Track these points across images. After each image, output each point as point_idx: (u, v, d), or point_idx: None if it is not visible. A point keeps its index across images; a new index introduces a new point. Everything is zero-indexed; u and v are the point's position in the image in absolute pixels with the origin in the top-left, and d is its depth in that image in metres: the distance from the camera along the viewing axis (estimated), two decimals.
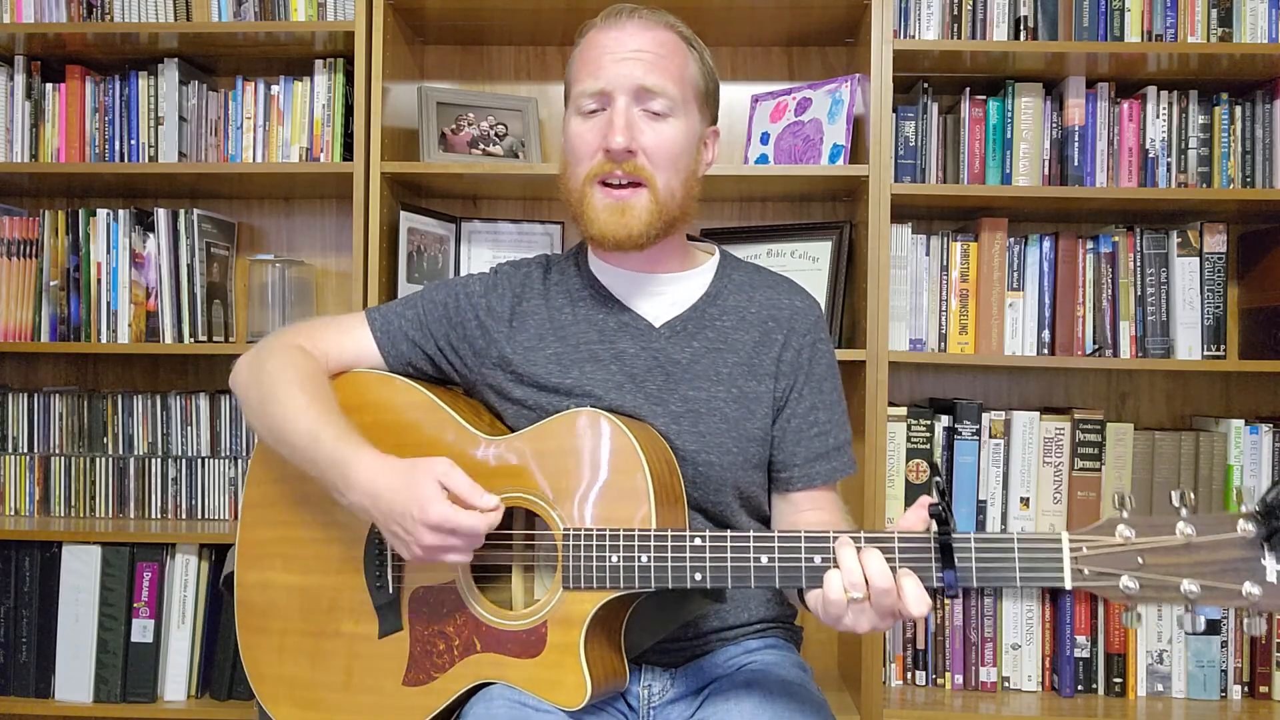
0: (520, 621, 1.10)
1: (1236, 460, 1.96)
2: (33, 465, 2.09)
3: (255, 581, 1.27)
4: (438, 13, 2.00)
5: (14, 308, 2.04)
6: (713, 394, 1.21)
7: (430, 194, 2.15)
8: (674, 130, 1.19)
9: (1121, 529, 0.91)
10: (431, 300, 1.31)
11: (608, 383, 1.20)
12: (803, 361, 1.25)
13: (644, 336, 1.24)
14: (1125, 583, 0.90)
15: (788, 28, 2.04)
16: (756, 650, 1.24)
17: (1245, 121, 1.97)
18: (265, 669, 1.24)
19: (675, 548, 1.03)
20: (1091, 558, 0.92)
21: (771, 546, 1.01)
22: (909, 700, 1.91)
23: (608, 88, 1.18)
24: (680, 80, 1.20)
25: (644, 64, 1.18)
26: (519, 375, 1.23)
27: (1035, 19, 1.92)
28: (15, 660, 1.99)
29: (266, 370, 1.22)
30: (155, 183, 2.08)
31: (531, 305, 1.28)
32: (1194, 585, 0.88)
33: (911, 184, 1.92)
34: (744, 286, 1.28)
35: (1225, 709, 1.90)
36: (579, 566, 1.07)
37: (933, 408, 2.01)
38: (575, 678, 1.06)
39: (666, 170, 1.19)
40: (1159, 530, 0.90)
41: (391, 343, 1.29)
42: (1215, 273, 1.96)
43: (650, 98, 1.18)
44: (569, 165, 1.23)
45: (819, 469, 1.24)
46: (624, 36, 1.19)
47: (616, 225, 1.18)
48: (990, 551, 0.94)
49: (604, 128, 1.18)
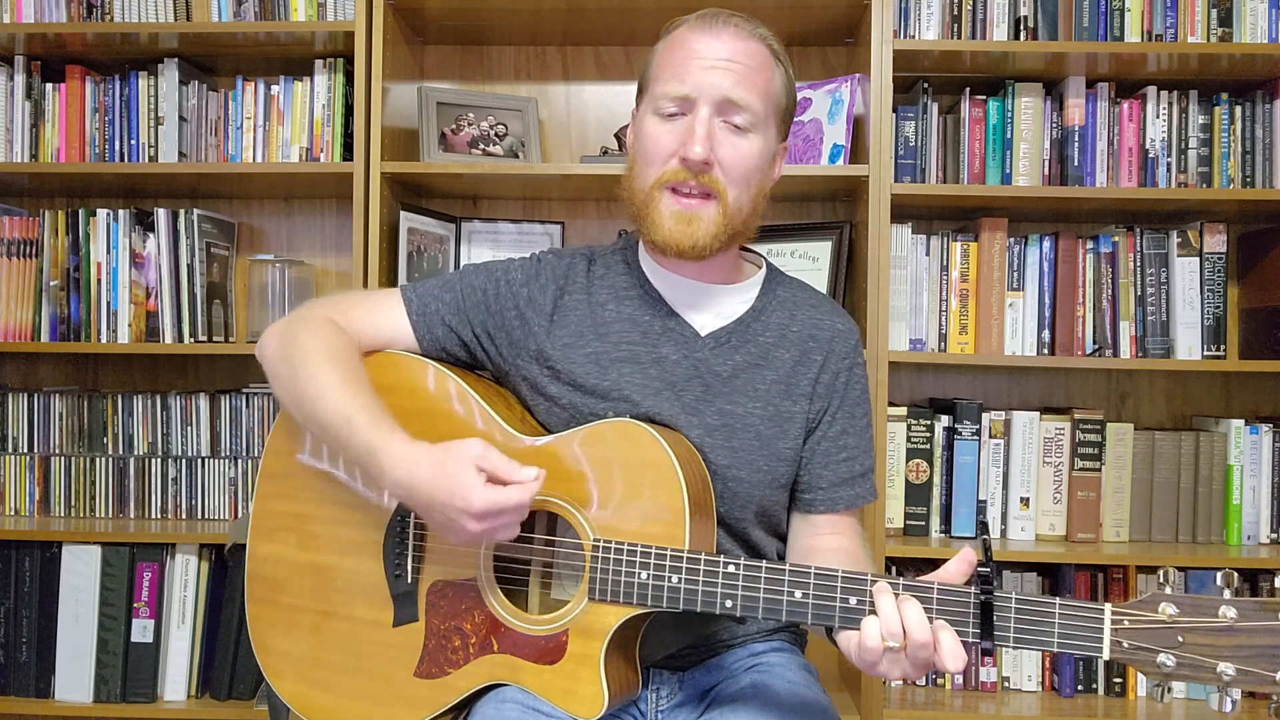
0: (542, 627, 1.10)
1: (1236, 460, 1.96)
2: (33, 465, 2.09)
3: (268, 554, 1.26)
4: (438, 13, 2.00)
5: (14, 308, 2.04)
6: (749, 410, 1.19)
7: (430, 194, 2.15)
8: (752, 146, 1.16)
9: (1166, 606, 0.90)
10: (470, 285, 1.27)
11: (645, 387, 1.18)
12: (839, 385, 1.23)
13: (688, 344, 1.22)
14: (1162, 660, 0.89)
15: (788, 28, 2.04)
16: (763, 653, 1.23)
17: (1245, 121, 1.97)
18: (271, 642, 1.24)
19: (708, 572, 1.02)
20: (1132, 632, 0.90)
21: (807, 583, 0.99)
22: (909, 700, 1.91)
23: (693, 94, 1.14)
24: (765, 96, 1.17)
25: (733, 75, 1.14)
26: (555, 372, 1.21)
27: (1035, 19, 1.92)
28: (15, 660, 1.99)
29: (299, 344, 1.19)
30: (155, 183, 2.08)
31: (574, 299, 1.25)
32: (1230, 668, 0.88)
33: (911, 184, 1.92)
34: (787, 303, 1.27)
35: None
36: (606, 579, 1.06)
37: (933, 408, 2.01)
38: (592, 689, 1.05)
39: (739, 185, 1.16)
40: (1203, 611, 0.89)
41: (427, 326, 1.25)
42: (1215, 273, 1.96)
43: (734, 111, 1.15)
44: (638, 165, 1.19)
45: (843, 494, 1.22)
46: (716, 44, 1.16)
47: (683, 234, 1.15)
48: (1030, 616, 0.93)
49: (683, 134, 1.14)
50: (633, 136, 1.23)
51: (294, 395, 1.18)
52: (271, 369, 1.22)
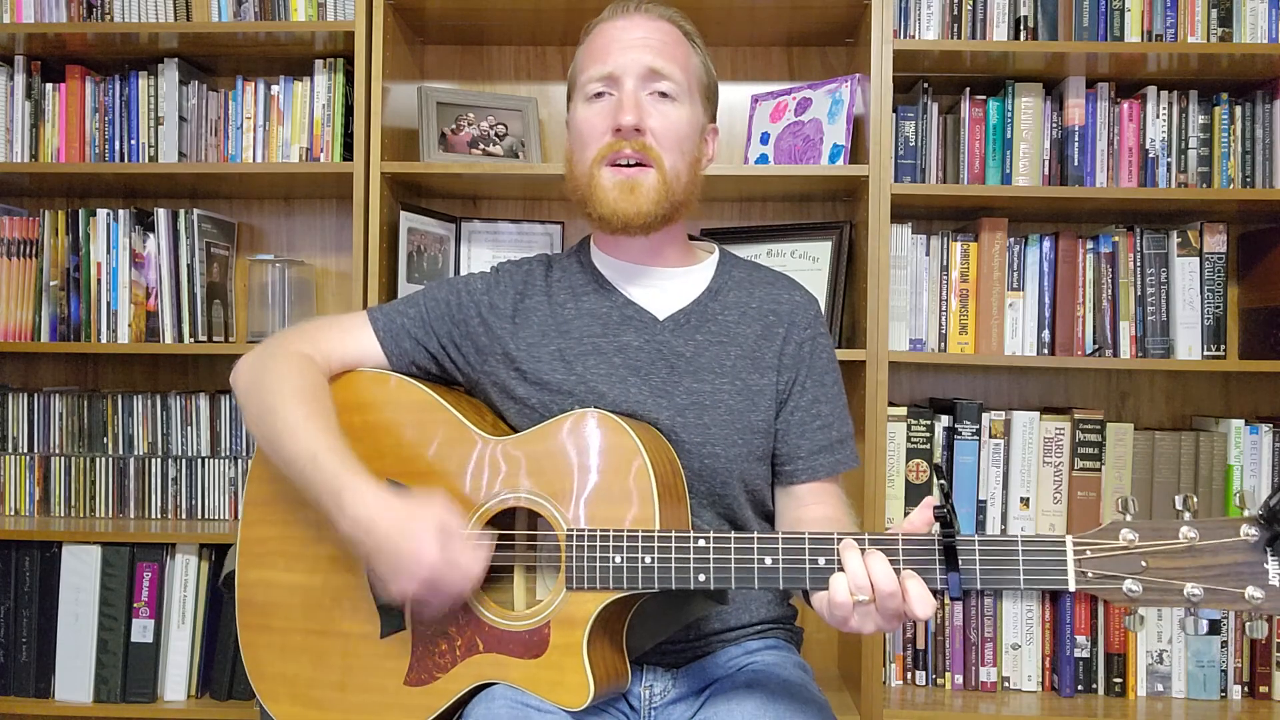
0: (523, 622, 1.10)
1: (1236, 460, 1.96)
2: (33, 465, 2.09)
3: (257, 580, 1.27)
4: (438, 13, 2.00)
5: (14, 308, 2.04)
6: (717, 386, 1.21)
7: (430, 194, 2.15)
8: (680, 113, 1.22)
9: (1125, 532, 0.92)
10: (434, 298, 1.31)
11: (611, 377, 1.21)
12: (804, 355, 1.26)
13: (648, 329, 1.24)
14: (1128, 586, 0.91)
15: (788, 28, 2.04)
16: (757, 651, 1.24)
17: (1245, 121, 1.97)
18: (266, 667, 1.24)
19: (679, 548, 1.04)
20: (1095, 560, 0.92)
21: (775, 548, 1.01)
22: (909, 700, 1.91)
23: (616, 71, 1.21)
24: (685, 68, 1.24)
25: (651, 49, 1.22)
26: (522, 372, 1.24)
27: (1035, 19, 1.92)
28: (15, 660, 1.99)
29: (268, 378, 1.21)
30: (155, 183, 2.08)
31: (534, 302, 1.29)
32: (1197, 589, 0.89)
33: (911, 184, 1.92)
34: (744, 283, 1.30)
35: (1225, 709, 1.90)
36: (582, 567, 1.07)
37: (933, 408, 2.01)
38: (578, 678, 1.06)
39: (673, 152, 1.21)
40: (1162, 534, 0.91)
41: (394, 341, 1.29)
42: (1215, 273, 1.96)
43: (658, 79, 1.21)
44: (575, 152, 1.25)
45: (822, 461, 1.25)
46: (631, 25, 1.24)
47: (626, 203, 1.19)
48: (994, 553, 0.95)
49: (613, 109, 1.20)
50: (568, 135, 1.28)
51: (262, 429, 1.20)
52: (242, 401, 1.25)
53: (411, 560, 1.04)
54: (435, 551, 1.04)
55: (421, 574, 1.04)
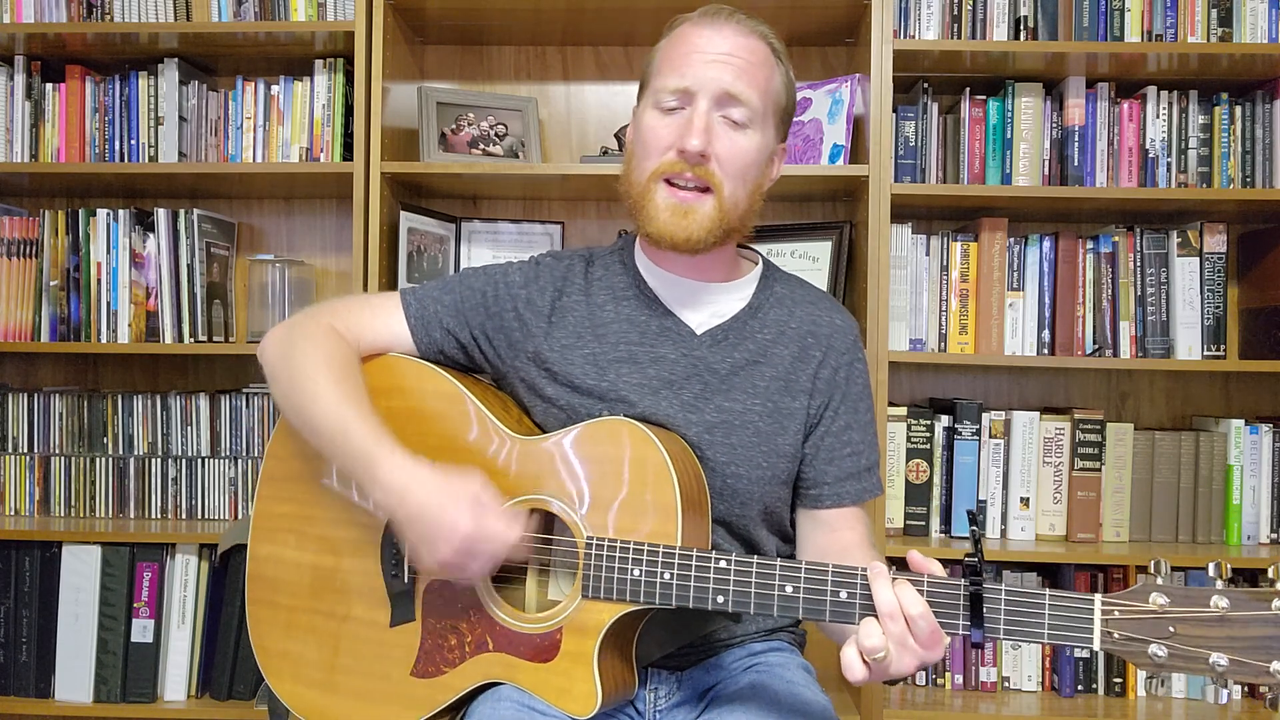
0: (535, 625, 1.10)
1: (1236, 460, 1.96)
2: (33, 465, 2.09)
3: (268, 555, 1.27)
4: (438, 13, 2.00)
5: (14, 308, 2.04)
6: (748, 406, 1.19)
7: (430, 194, 2.15)
8: (749, 142, 1.17)
9: (1156, 596, 0.90)
10: (470, 287, 1.28)
11: (643, 387, 1.19)
12: (839, 380, 1.23)
13: (685, 343, 1.22)
14: (1154, 650, 0.89)
15: (788, 28, 2.04)
16: (761, 653, 1.23)
17: (1245, 121, 1.97)
18: (270, 643, 1.24)
19: (699, 568, 1.02)
20: (1122, 621, 0.90)
21: (797, 576, 0.99)
22: (909, 700, 1.91)
23: (692, 87, 1.15)
24: (764, 92, 1.18)
25: (733, 70, 1.15)
26: (553, 373, 1.22)
27: (1035, 19, 1.92)
28: (15, 660, 1.99)
29: (299, 350, 1.20)
30: (155, 183, 2.08)
31: (572, 301, 1.26)
32: (1223, 659, 0.87)
33: (911, 184, 1.92)
34: (785, 300, 1.27)
35: (1225, 709, 1.90)
36: (599, 577, 1.06)
37: (933, 408, 2.01)
38: (586, 687, 1.05)
39: (735, 180, 1.16)
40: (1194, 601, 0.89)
41: (425, 329, 1.26)
42: (1215, 273, 1.96)
43: (733, 105, 1.15)
44: (636, 156, 1.20)
45: (849, 489, 1.22)
46: (717, 38, 1.17)
47: (677, 227, 1.15)
48: (1020, 606, 0.93)
49: (681, 127, 1.15)
50: (632, 131, 1.24)
51: (292, 401, 1.19)
52: (271, 373, 1.23)
53: (447, 528, 1.04)
54: (469, 520, 1.04)
55: (455, 541, 1.04)
